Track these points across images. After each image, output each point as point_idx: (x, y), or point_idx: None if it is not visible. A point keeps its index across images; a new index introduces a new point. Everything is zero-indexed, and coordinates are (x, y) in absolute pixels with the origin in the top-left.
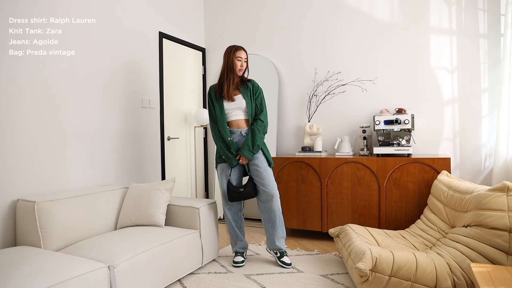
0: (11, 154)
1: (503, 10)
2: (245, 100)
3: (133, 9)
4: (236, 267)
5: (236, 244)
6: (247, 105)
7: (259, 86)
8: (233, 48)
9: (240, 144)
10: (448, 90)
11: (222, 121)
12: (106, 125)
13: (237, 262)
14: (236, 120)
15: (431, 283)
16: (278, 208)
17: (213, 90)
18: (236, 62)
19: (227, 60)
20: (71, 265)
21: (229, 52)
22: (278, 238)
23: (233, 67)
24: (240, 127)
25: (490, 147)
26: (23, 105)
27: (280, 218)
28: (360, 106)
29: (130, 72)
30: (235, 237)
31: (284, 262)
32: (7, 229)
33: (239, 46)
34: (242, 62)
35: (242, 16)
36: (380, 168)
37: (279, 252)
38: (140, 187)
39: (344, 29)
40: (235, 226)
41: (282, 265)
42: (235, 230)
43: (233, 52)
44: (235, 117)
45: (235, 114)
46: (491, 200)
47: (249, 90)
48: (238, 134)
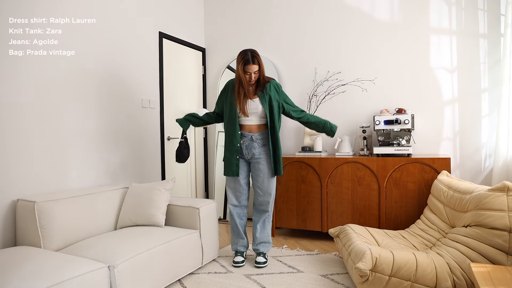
0: (11, 154)
1: (503, 10)
2: (262, 105)
3: (133, 9)
4: (237, 267)
5: (237, 243)
6: (264, 110)
7: (277, 84)
8: (242, 60)
9: (250, 148)
10: (448, 90)
11: (233, 124)
12: (106, 125)
13: (237, 262)
14: (249, 124)
15: (431, 283)
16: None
17: (232, 86)
18: (244, 76)
19: (237, 69)
20: (71, 265)
21: (239, 62)
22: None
23: (243, 81)
24: (252, 132)
25: (490, 147)
26: (23, 105)
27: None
28: (360, 106)
29: (130, 72)
30: (237, 235)
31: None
32: (7, 229)
33: (249, 59)
34: (251, 75)
35: (242, 16)
36: (380, 168)
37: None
38: (140, 187)
39: (344, 29)
40: (239, 224)
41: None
42: (239, 227)
43: (241, 65)
44: (249, 122)
45: (249, 119)
46: (491, 200)
47: (267, 93)
48: (249, 138)
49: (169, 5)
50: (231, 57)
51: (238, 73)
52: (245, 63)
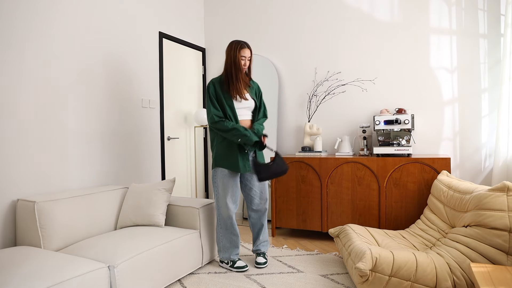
0: (11, 154)
1: (503, 10)
2: (253, 99)
3: (133, 9)
4: (242, 272)
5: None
6: (255, 103)
7: (259, 87)
8: (238, 45)
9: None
10: (448, 90)
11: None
12: (106, 125)
13: (242, 267)
14: (244, 120)
15: (431, 283)
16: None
17: (218, 83)
18: (240, 61)
19: (232, 57)
20: (71, 265)
21: (234, 49)
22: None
23: (239, 65)
24: (247, 127)
25: (490, 147)
26: (23, 105)
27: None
28: (360, 106)
29: (130, 72)
30: (235, 244)
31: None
32: (7, 229)
33: (244, 43)
34: (245, 61)
35: (242, 16)
36: (380, 168)
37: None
38: (140, 187)
39: (344, 29)
40: (238, 231)
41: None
42: (238, 235)
43: (238, 50)
44: (243, 117)
45: (243, 114)
46: (491, 200)
47: (254, 89)
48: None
49: (169, 5)
50: None
51: (233, 58)
52: (241, 47)
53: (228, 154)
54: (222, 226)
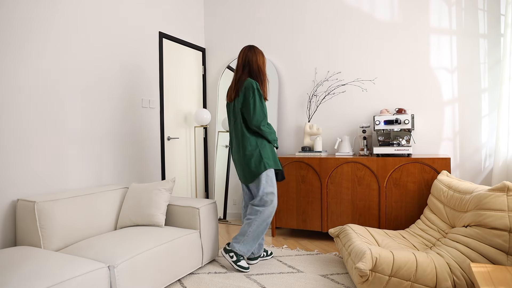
0: (11, 154)
1: (503, 10)
2: None
3: (133, 9)
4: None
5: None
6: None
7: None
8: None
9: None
10: (448, 90)
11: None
12: (106, 125)
13: (244, 267)
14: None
15: (431, 283)
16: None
17: (257, 84)
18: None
19: (262, 61)
20: (71, 265)
21: (262, 54)
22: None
23: (264, 70)
24: None
25: (490, 147)
26: (23, 105)
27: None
28: (360, 106)
29: (130, 72)
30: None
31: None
32: (7, 229)
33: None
34: None
35: (242, 16)
36: (380, 168)
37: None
38: (140, 187)
39: (344, 29)
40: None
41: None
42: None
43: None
44: None
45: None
46: (491, 200)
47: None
48: None
49: (169, 5)
50: (231, 57)
51: (264, 62)
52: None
53: (274, 154)
54: (268, 222)
